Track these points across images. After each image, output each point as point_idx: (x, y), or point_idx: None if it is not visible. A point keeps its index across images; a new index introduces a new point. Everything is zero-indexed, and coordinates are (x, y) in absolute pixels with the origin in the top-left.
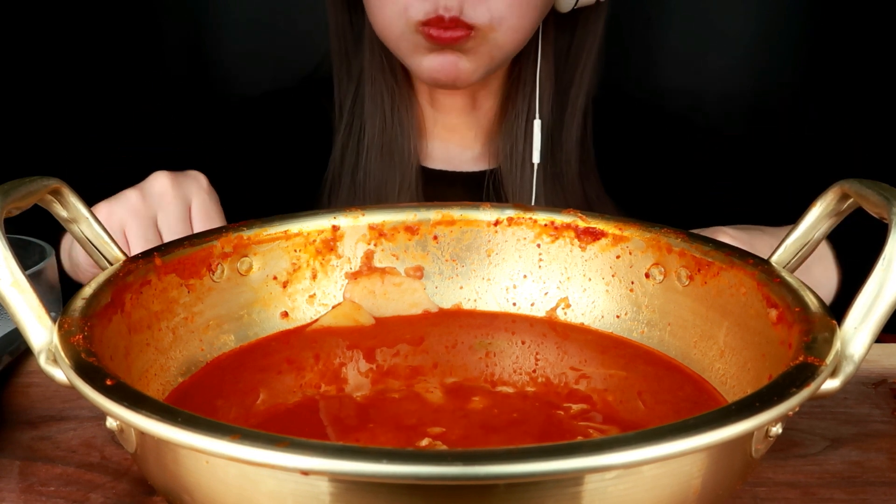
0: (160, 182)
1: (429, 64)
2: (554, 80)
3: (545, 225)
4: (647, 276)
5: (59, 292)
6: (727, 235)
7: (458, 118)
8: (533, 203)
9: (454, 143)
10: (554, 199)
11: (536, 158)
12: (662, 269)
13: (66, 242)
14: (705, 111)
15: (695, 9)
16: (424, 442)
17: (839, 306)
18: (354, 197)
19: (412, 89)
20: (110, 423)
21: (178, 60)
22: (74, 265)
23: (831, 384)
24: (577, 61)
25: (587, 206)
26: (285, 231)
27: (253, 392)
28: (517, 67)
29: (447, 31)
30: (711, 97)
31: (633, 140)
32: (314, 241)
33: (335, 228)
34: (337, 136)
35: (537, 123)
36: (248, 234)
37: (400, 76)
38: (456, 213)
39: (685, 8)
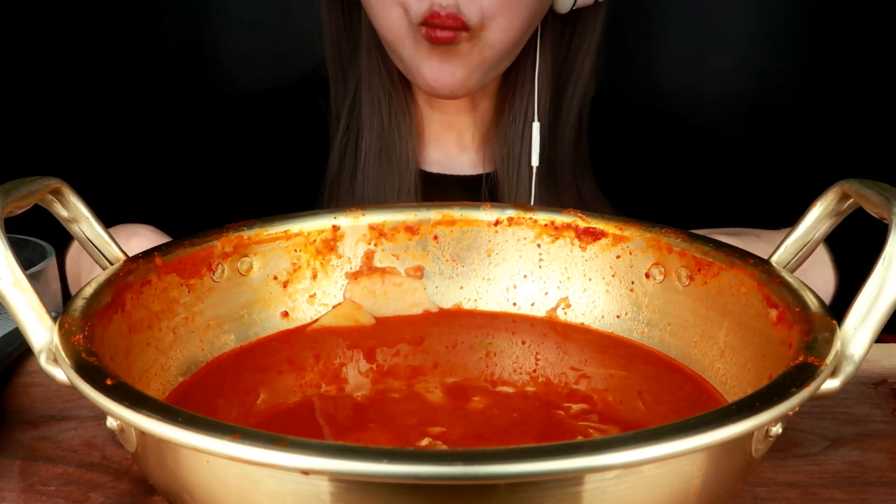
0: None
1: (428, 68)
2: (552, 82)
3: (545, 225)
4: (647, 276)
5: (59, 292)
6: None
7: (455, 116)
8: (531, 205)
9: (452, 144)
10: (550, 200)
11: (535, 161)
12: (663, 269)
13: (74, 250)
14: (705, 111)
15: (695, 9)
16: (424, 442)
17: (837, 309)
18: (353, 200)
19: (409, 91)
20: (111, 422)
21: (178, 60)
22: (76, 276)
23: (831, 384)
24: (574, 62)
25: (582, 207)
26: (286, 231)
27: (253, 392)
28: (515, 69)
29: (444, 31)
30: (712, 97)
31: (631, 141)
32: (314, 240)
33: (335, 228)
34: (335, 141)
35: (536, 126)
36: (248, 233)
37: (397, 80)
38: (456, 213)
39: (686, 8)
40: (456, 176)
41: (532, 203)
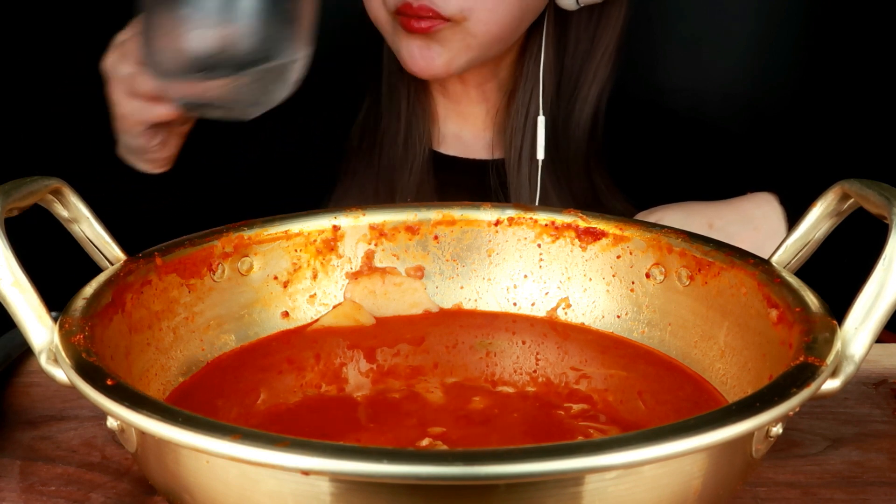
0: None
1: (407, 52)
2: (559, 76)
3: (546, 225)
4: (647, 276)
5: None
6: (668, 216)
7: (467, 107)
8: (537, 197)
9: (466, 130)
10: (559, 191)
11: (541, 155)
12: (663, 269)
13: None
14: (706, 111)
15: (695, 9)
16: (424, 442)
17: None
18: (368, 176)
19: (425, 81)
20: (111, 422)
21: None
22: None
23: (832, 384)
24: (592, 57)
25: (594, 198)
26: (286, 231)
27: (253, 392)
28: (521, 63)
29: (419, 21)
30: (712, 97)
31: (645, 136)
32: (315, 240)
33: (336, 228)
34: (359, 115)
35: (541, 120)
36: (248, 233)
37: None
38: (456, 213)
39: (685, 8)
40: (468, 159)
41: (537, 195)
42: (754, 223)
